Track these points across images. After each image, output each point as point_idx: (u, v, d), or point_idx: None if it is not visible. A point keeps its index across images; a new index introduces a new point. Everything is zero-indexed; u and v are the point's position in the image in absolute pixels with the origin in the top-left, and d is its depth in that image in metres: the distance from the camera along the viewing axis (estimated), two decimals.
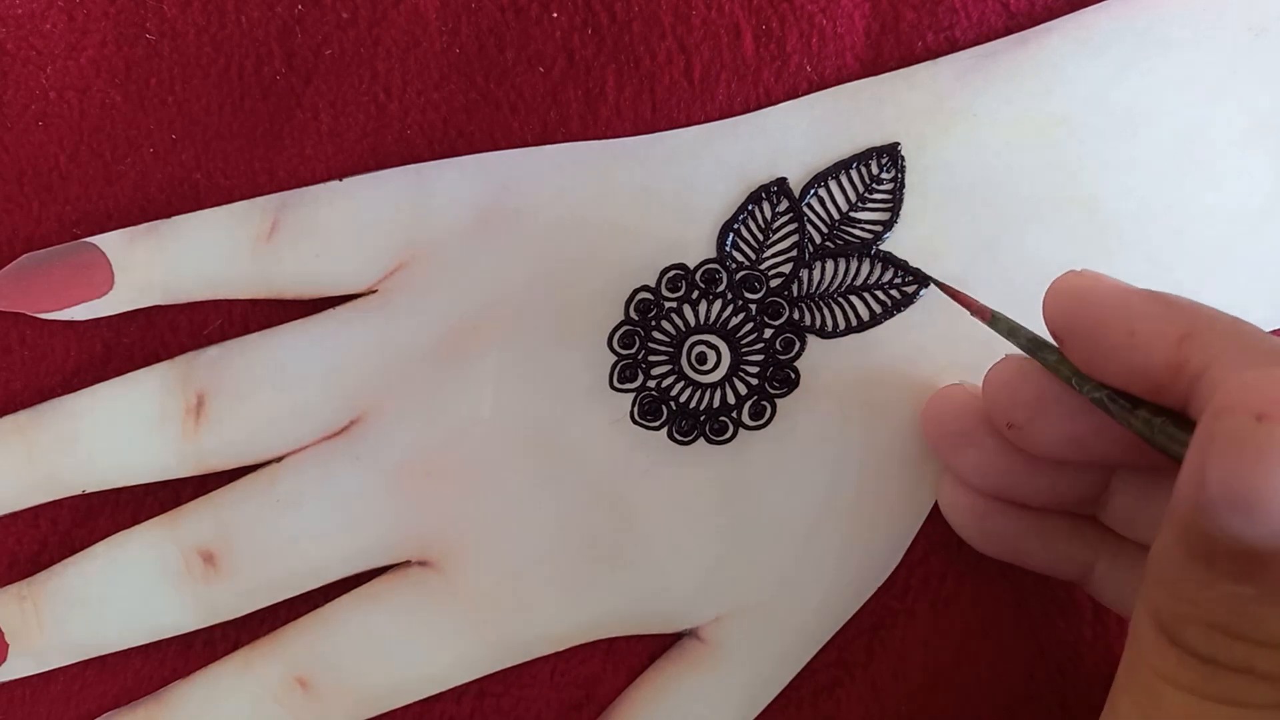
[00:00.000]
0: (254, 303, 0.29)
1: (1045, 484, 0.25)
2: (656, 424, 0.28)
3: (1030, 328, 0.24)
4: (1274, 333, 0.28)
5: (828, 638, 0.28)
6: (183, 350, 0.28)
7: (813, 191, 0.27)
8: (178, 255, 0.28)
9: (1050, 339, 0.23)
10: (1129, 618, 0.20)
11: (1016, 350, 0.24)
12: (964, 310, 0.27)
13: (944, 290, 0.26)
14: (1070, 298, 0.22)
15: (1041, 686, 0.28)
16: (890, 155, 0.27)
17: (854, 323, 0.27)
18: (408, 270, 0.28)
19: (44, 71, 0.29)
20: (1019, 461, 0.25)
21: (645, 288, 0.27)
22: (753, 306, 0.27)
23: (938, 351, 0.27)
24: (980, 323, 0.25)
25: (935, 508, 0.28)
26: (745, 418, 0.27)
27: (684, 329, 0.28)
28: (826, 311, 0.27)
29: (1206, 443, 0.17)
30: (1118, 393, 0.21)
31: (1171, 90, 0.27)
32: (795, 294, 0.27)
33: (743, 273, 0.27)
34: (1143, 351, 0.20)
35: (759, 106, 0.28)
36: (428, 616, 0.28)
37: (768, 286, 0.27)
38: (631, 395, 0.28)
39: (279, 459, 0.28)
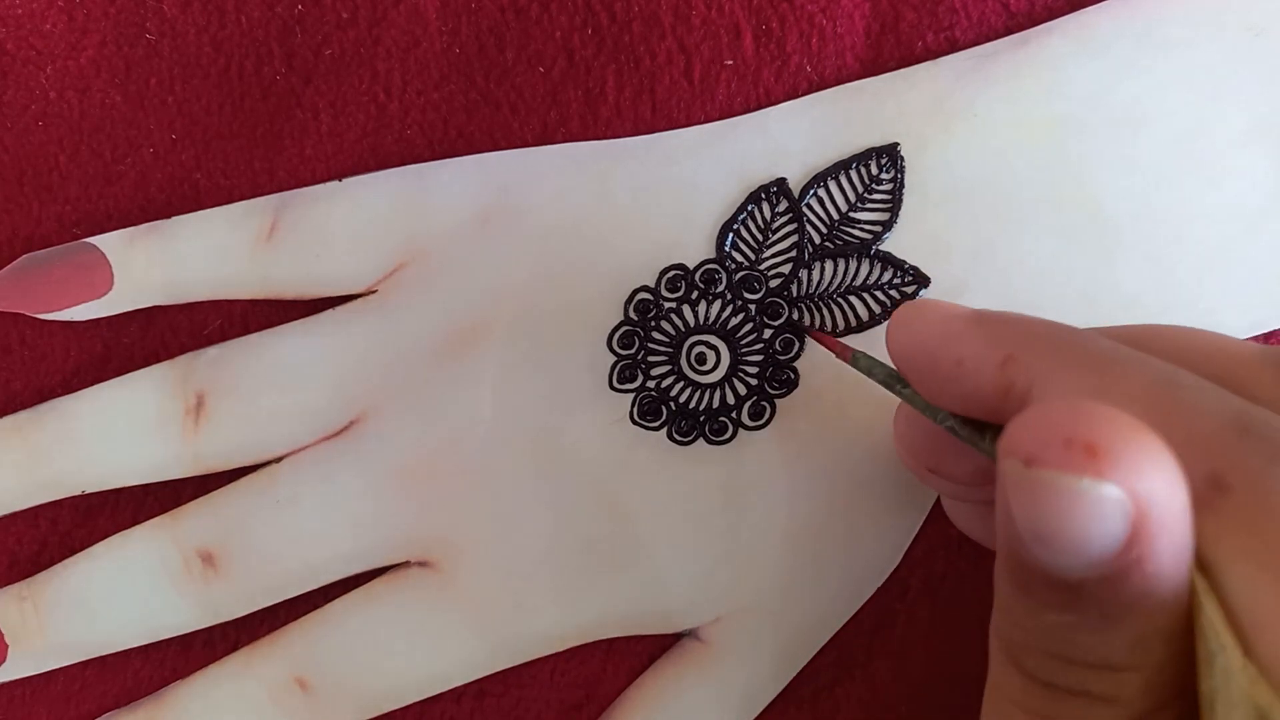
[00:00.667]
0: (254, 303, 0.29)
1: None
2: (656, 424, 0.28)
3: None
4: (1271, 335, 0.28)
5: (827, 638, 0.28)
6: (183, 350, 0.28)
7: (812, 192, 0.27)
8: (177, 255, 0.28)
9: None
10: None
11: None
12: None
13: (809, 334, 0.26)
14: (901, 332, 0.22)
15: None
16: (890, 155, 0.27)
17: (853, 323, 0.27)
18: (407, 270, 0.28)
19: (44, 71, 0.29)
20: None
21: (645, 288, 0.27)
22: (752, 307, 0.27)
23: None
24: None
25: (935, 507, 0.28)
26: (745, 418, 0.27)
27: (683, 329, 0.28)
28: (826, 312, 0.27)
29: (1000, 481, 0.17)
30: (965, 419, 0.21)
31: (1171, 90, 0.27)
32: (795, 294, 0.27)
33: (742, 273, 0.27)
34: (971, 380, 0.20)
35: (759, 106, 0.28)
36: (427, 617, 0.28)
37: (767, 287, 0.27)
38: (631, 395, 0.28)
39: (279, 459, 0.28)
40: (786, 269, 0.27)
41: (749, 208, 0.27)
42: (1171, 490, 0.16)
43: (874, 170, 0.27)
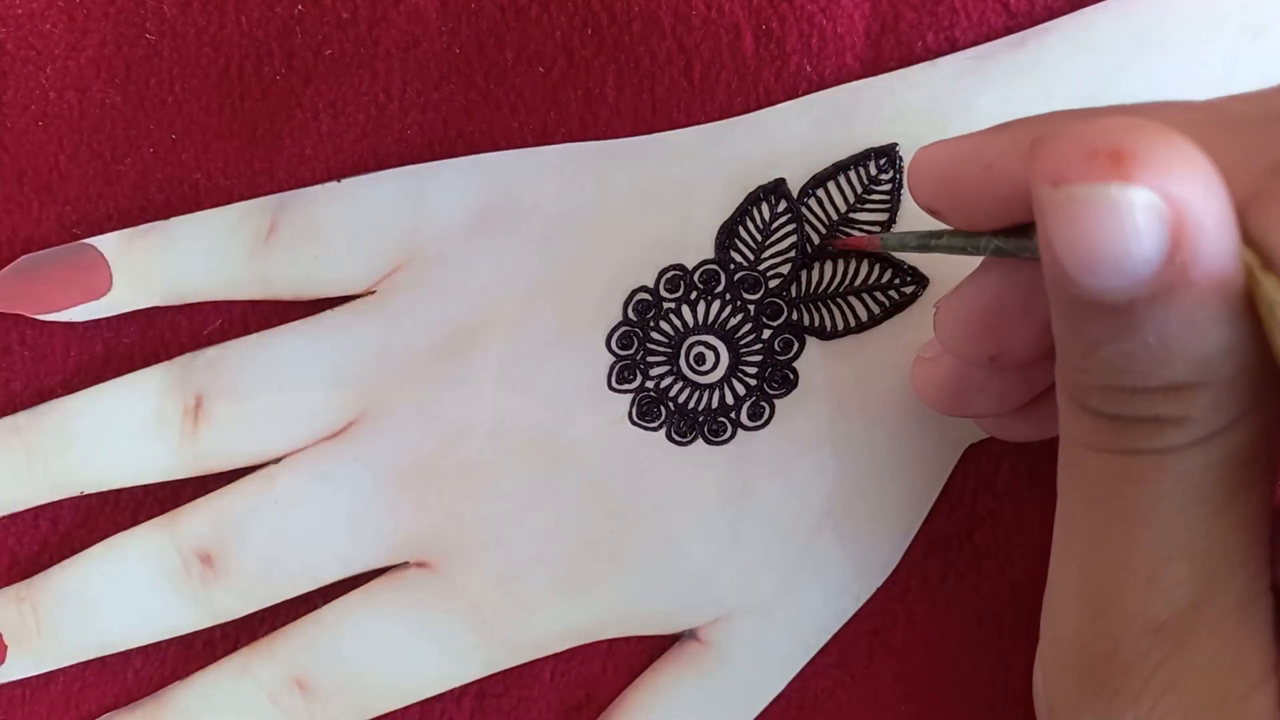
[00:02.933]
0: (253, 304, 0.29)
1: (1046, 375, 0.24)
2: (655, 424, 0.27)
3: None
4: None
5: (827, 639, 0.28)
6: (182, 351, 0.28)
7: (811, 192, 0.27)
8: (176, 257, 0.28)
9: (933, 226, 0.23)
10: None
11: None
12: None
13: (836, 245, 0.26)
14: (923, 165, 0.22)
15: None
16: (889, 156, 0.27)
17: (853, 323, 0.27)
18: (406, 271, 0.28)
19: (44, 71, 0.29)
20: (1022, 387, 0.24)
21: (644, 288, 0.27)
22: (751, 307, 0.27)
23: None
24: None
25: (935, 508, 0.28)
26: (744, 418, 0.27)
27: (682, 329, 0.28)
28: (825, 312, 0.27)
29: (1036, 215, 0.17)
30: (1009, 230, 0.21)
31: (1171, 90, 0.27)
32: (794, 295, 0.27)
33: (741, 273, 0.27)
34: (1004, 177, 0.20)
35: (759, 106, 0.28)
36: (426, 618, 0.28)
37: (766, 287, 0.27)
38: (630, 396, 0.28)
39: (277, 460, 0.28)
40: (786, 269, 0.27)
41: (748, 208, 0.27)
42: (1207, 188, 0.15)
43: (873, 171, 0.27)
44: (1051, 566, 0.21)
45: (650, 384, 0.28)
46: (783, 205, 0.27)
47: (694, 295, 0.27)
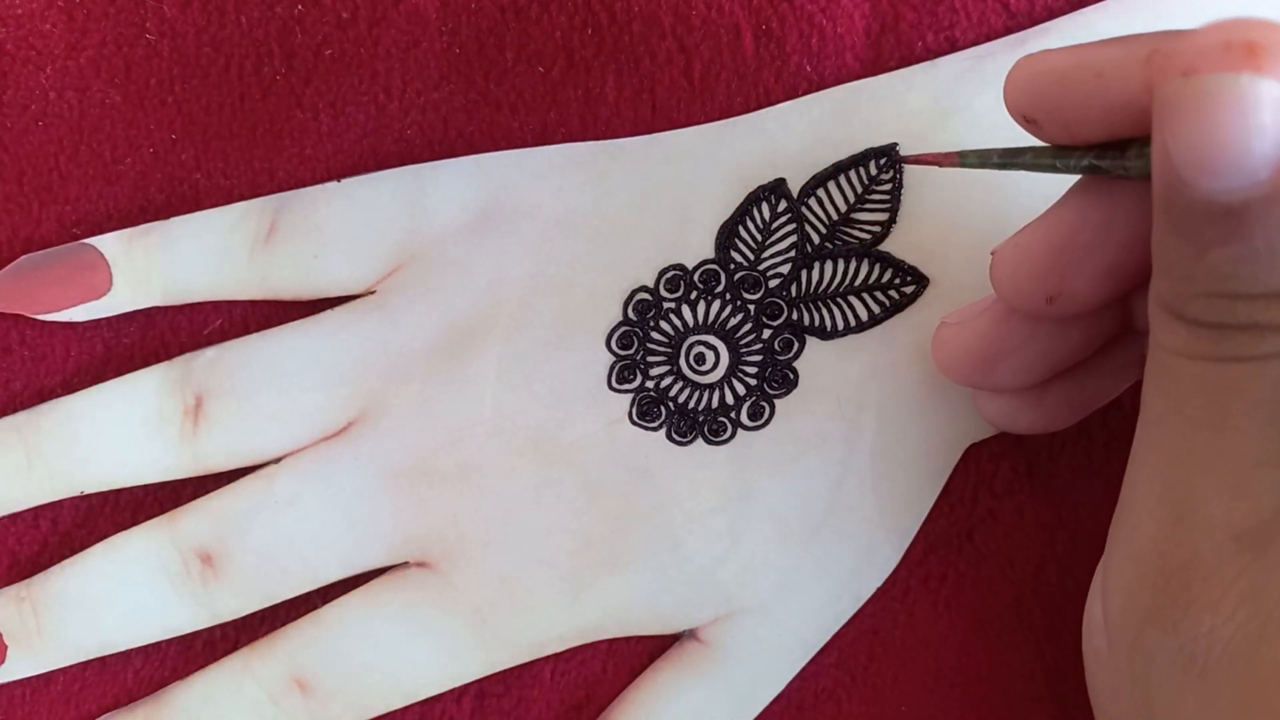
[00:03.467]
0: (253, 304, 0.29)
1: (1076, 345, 0.24)
2: (655, 424, 0.27)
3: None
4: None
5: (827, 639, 0.28)
6: (182, 351, 0.28)
7: (811, 192, 0.27)
8: (176, 257, 0.28)
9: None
10: None
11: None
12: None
13: (911, 160, 0.25)
14: (1026, 71, 0.21)
15: (1041, 687, 0.28)
16: (889, 156, 0.27)
17: (853, 323, 0.27)
18: (406, 271, 0.28)
19: (44, 71, 0.29)
20: (1052, 355, 0.24)
21: (644, 288, 0.27)
22: (751, 307, 0.27)
23: None
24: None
25: (935, 508, 0.28)
26: (744, 418, 0.27)
27: (682, 329, 0.28)
28: (825, 312, 0.27)
29: (1156, 115, 0.17)
30: (1105, 146, 0.20)
31: None
32: (794, 294, 0.27)
33: (741, 273, 0.27)
34: (1116, 86, 0.19)
35: (759, 106, 0.28)
36: (427, 618, 0.28)
37: (766, 287, 0.27)
38: (630, 396, 0.28)
39: (277, 460, 0.28)
40: (786, 269, 0.27)
41: (748, 208, 0.27)
42: None
43: (873, 170, 0.27)
44: (1126, 481, 0.21)
45: (650, 384, 0.28)
46: (783, 205, 0.27)
47: (694, 295, 0.27)
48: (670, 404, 0.27)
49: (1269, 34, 0.15)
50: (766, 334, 0.27)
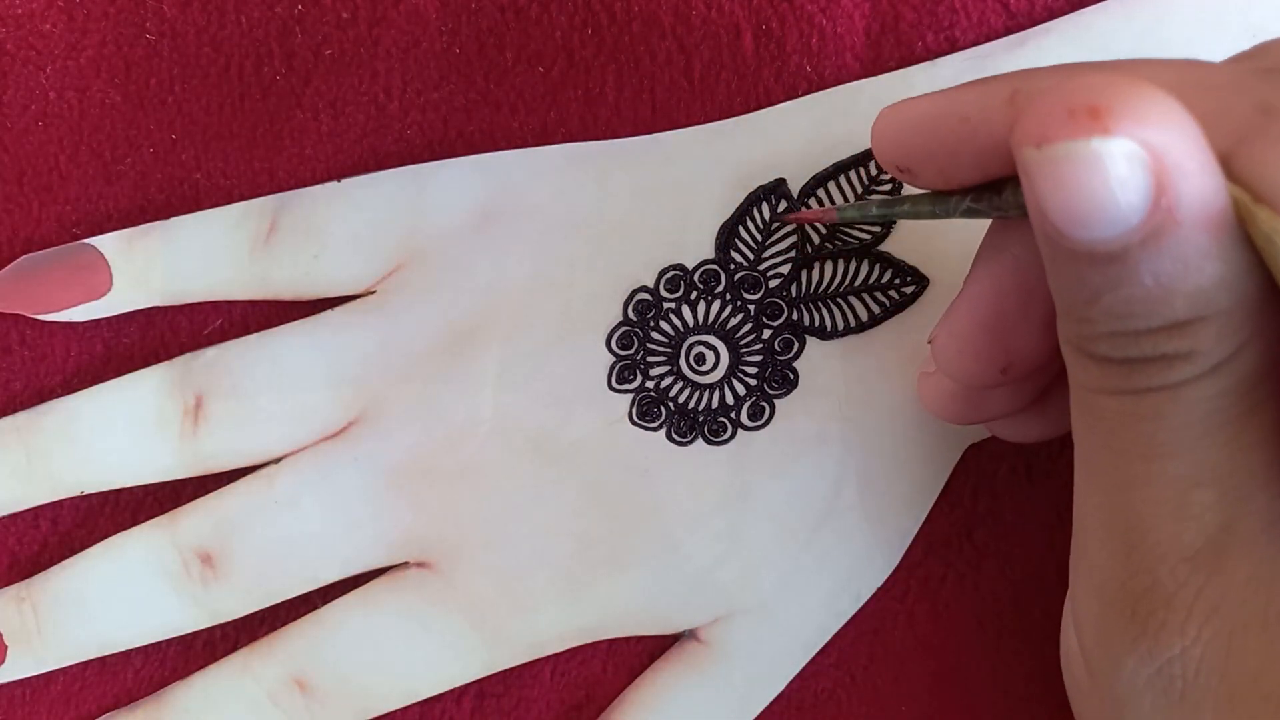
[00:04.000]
0: (253, 304, 0.29)
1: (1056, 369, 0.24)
2: (655, 425, 0.27)
3: None
4: None
5: (827, 639, 0.28)
6: (182, 351, 0.28)
7: (812, 192, 0.27)
8: (176, 257, 0.28)
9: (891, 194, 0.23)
10: None
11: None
12: None
13: (785, 220, 0.26)
14: (892, 122, 0.22)
15: (1041, 687, 0.28)
16: None
17: (853, 323, 0.27)
18: (406, 271, 0.28)
19: (44, 71, 0.29)
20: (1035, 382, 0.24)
21: (644, 288, 0.27)
22: (751, 307, 0.27)
23: None
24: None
25: (935, 508, 0.28)
26: (744, 418, 0.27)
27: (682, 329, 0.28)
28: (825, 312, 0.27)
29: (1021, 176, 0.17)
30: (981, 188, 0.21)
31: None
32: (794, 295, 0.27)
33: (741, 273, 0.27)
34: (981, 130, 0.20)
35: (759, 106, 0.28)
36: (426, 618, 0.28)
37: (766, 287, 0.27)
38: (630, 396, 0.28)
39: (277, 460, 0.28)
40: (786, 269, 0.27)
41: (748, 208, 0.27)
42: (1184, 132, 0.16)
43: (873, 170, 0.27)
44: (1075, 516, 0.21)
45: (650, 384, 0.28)
46: (783, 205, 0.27)
47: (694, 295, 0.27)
48: (670, 404, 0.27)
49: (1110, 92, 0.16)
50: (766, 334, 0.27)
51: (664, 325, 0.27)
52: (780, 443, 0.27)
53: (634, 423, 0.28)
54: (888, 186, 0.27)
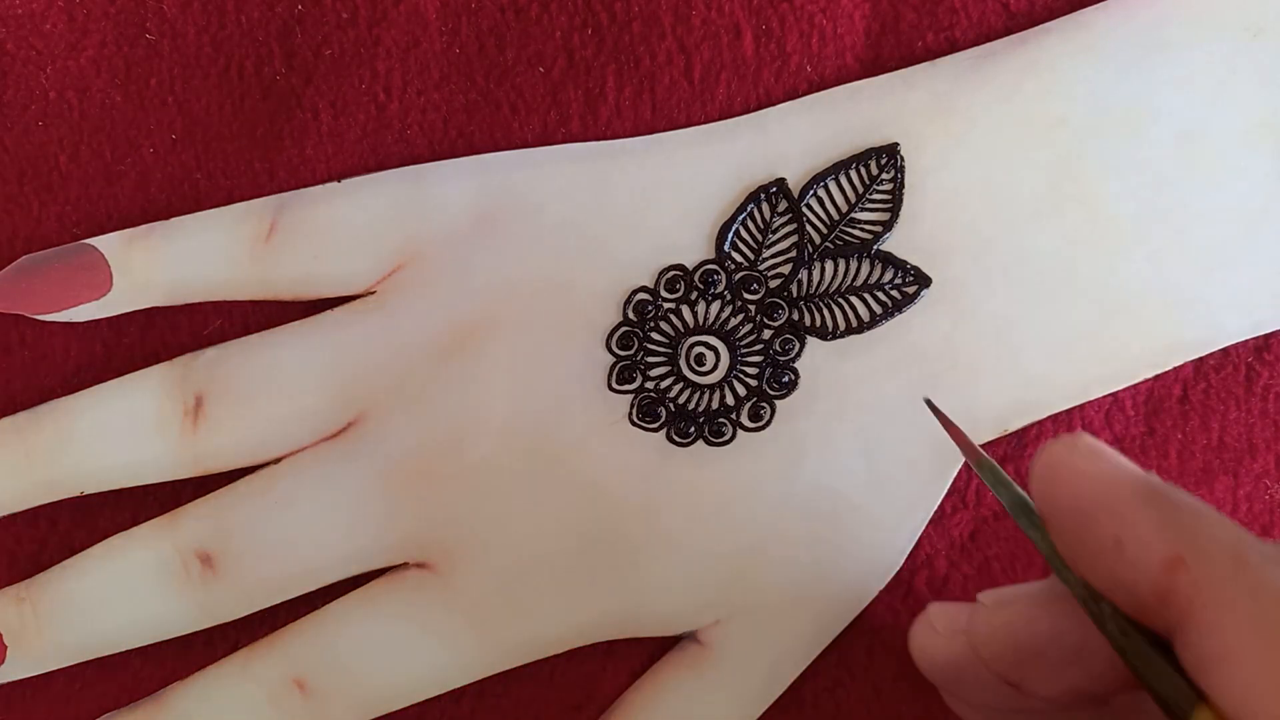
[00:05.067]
0: (254, 304, 0.29)
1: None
2: (655, 425, 0.27)
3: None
4: (1272, 335, 0.28)
5: (828, 641, 0.28)
6: (183, 351, 0.28)
7: (812, 192, 0.27)
8: (176, 257, 0.28)
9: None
10: None
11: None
12: (965, 311, 0.27)
13: (940, 420, 0.25)
14: (1057, 480, 0.20)
15: None
16: (889, 155, 0.27)
17: (854, 323, 0.27)
18: (406, 271, 0.28)
19: (44, 71, 0.29)
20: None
21: (643, 289, 0.27)
22: (751, 307, 0.27)
23: (938, 352, 0.27)
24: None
25: (937, 510, 0.28)
26: (744, 419, 0.27)
27: (682, 330, 0.27)
28: (826, 312, 0.27)
29: None
30: (1097, 593, 0.19)
31: (1171, 91, 0.27)
32: (794, 295, 0.27)
33: (741, 273, 0.27)
34: (1129, 568, 0.18)
35: (759, 106, 0.28)
36: (426, 619, 0.28)
37: (766, 287, 0.27)
38: (630, 396, 0.27)
39: (277, 460, 0.28)
40: (786, 269, 0.27)
41: (748, 208, 0.27)
42: None
43: (874, 170, 0.27)
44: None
45: (650, 385, 0.28)
46: (783, 205, 0.27)
47: (694, 295, 0.27)
48: (670, 405, 0.27)
49: None
50: (767, 334, 0.27)
51: (664, 326, 0.27)
52: (781, 444, 0.27)
53: (634, 423, 0.27)
54: (888, 186, 0.27)
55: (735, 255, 0.27)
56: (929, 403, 0.26)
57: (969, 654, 0.22)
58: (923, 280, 0.27)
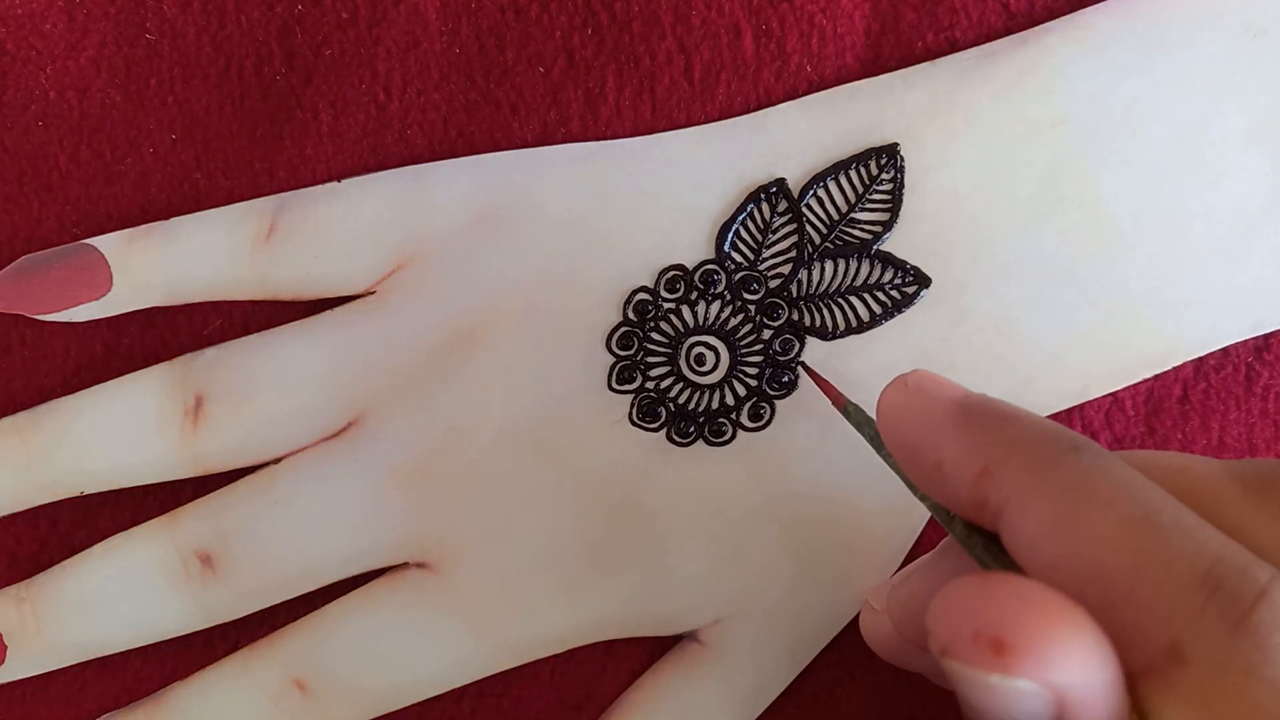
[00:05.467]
0: (254, 304, 0.29)
1: None
2: (655, 425, 0.27)
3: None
4: (1272, 335, 0.28)
5: (827, 640, 0.28)
6: (182, 351, 0.28)
7: (812, 192, 0.27)
8: (176, 257, 0.28)
9: None
10: None
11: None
12: (965, 311, 0.27)
13: (805, 371, 0.27)
14: (888, 415, 0.22)
15: None
16: (889, 155, 0.27)
17: (854, 323, 0.27)
18: (406, 271, 0.28)
19: (44, 71, 0.29)
20: None
21: (643, 289, 0.27)
22: (751, 307, 0.27)
23: (938, 352, 0.27)
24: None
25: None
26: (744, 419, 0.27)
27: (682, 330, 0.27)
28: (826, 312, 0.27)
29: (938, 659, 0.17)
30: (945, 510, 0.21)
31: (1171, 90, 0.27)
32: (794, 295, 0.27)
33: (741, 273, 0.27)
34: (950, 486, 0.20)
35: (759, 106, 0.28)
36: (426, 619, 0.28)
37: (766, 287, 0.27)
38: (630, 397, 0.27)
39: (278, 460, 0.28)
40: (786, 269, 0.27)
41: (748, 208, 0.27)
42: (1089, 675, 0.16)
43: (873, 170, 0.27)
44: None
45: (650, 385, 0.28)
46: (783, 205, 0.27)
47: (694, 295, 0.27)
48: (670, 405, 0.27)
49: (1020, 625, 0.16)
50: (767, 334, 0.27)
51: (664, 326, 0.27)
52: (781, 444, 0.27)
53: (634, 423, 0.27)
54: (888, 186, 0.27)
55: (735, 255, 0.27)
56: (802, 364, 0.27)
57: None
58: (923, 280, 0.27)
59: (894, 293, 0.27)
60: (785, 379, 0.27)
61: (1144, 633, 0.17)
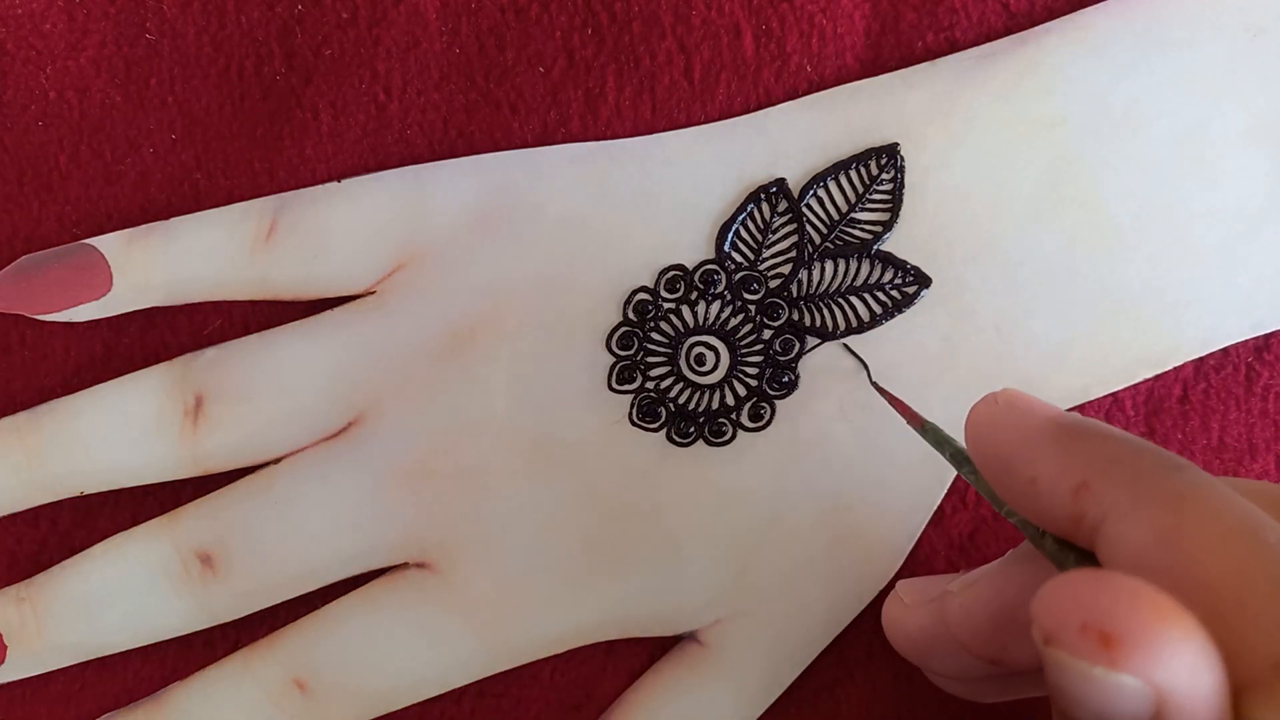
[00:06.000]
0: (254, 304, 0.29)
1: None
2: (655, 425, 0.27)
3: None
4: (1272, 335, 0.28)
5: (828, 641, 0.28)
6: (182, 351, 0.28)
7: (812, 192, 0.27)
8: (176, 257, 0.28)
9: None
10: None
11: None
12: (965, 311, 0.27)
13: (883, 394, 0.26)
14: (979, 431, 0.22)
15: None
16: (890, 155, 0.27)
17: (854, 323, 0.27)
18: (406, 271, 0.28)
19: (44, 71, 0.29)
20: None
21: (643, 289, 0.27)
22: (751, 307, 0.27)
23: (938, 351, 0.27)
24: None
25: (938, 510, 0.28)
26: (744, 419, 0.27)
27: (682, 330, 0.27)
28: (826, 312, 0.27)
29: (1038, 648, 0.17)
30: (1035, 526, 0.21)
31: (1171, 90, 0.27)
32: (794, 295, 0.27)
33: (741, 273, 0.27)
34: (1045, 500, 0.20)
35: (759, 106, 0.28)
36: (426, 619, 0.28)
37: (767, 287, 0.27)
38: (630, 397, 0.27)
39: (277, 460, 0.28)
40: (786, 269, 0.27)
41: (748, 208, 0.27)
42: (1194, 675, 0.16)
43: (874, 170, 0.27)
44: None
45: (650, 385, 0.28)
46: (783, 205, 0.27)
47: (694, 295, 0.27)
48: (670, 405, 0.27)
49: (1129, 619, 0.16)
50: (767, 334, 0.27)
51: (664, 326, 0.27)
52: (781, 444, 0.27)
53: (634, 423, 0.27)
54: (888, 186, 0.27)
55: (735, 255, 0.27)
56: (876, 385, 0.27)
57: (939, 624, 0.24)
58: (923, 280, 0.27)
59: (894, 293, 0.27)
60: (785, 379, 0.27)
61: (1250, 645, 0.17)
